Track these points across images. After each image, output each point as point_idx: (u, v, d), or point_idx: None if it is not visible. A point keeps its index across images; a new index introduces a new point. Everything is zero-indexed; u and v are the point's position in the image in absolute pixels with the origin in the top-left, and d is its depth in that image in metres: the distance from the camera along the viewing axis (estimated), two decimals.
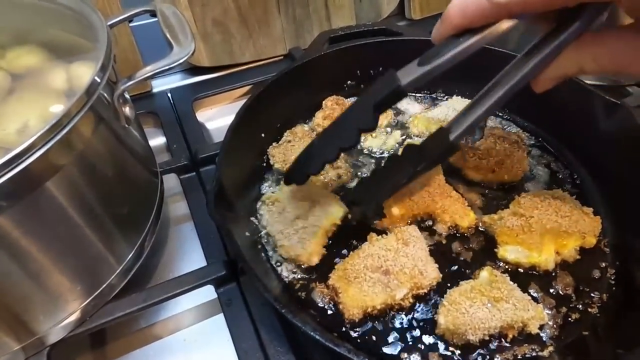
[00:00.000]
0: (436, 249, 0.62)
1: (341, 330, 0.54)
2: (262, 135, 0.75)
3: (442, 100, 0.86)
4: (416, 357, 0.52)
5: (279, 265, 0.60)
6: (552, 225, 0.59)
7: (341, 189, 0.70)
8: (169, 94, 0.93)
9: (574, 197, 0.65)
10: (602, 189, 0.69)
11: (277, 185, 0.71)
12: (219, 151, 0.64)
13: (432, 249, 0.61)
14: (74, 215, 0.48)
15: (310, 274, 0.59)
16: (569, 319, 0.55)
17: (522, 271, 0.59)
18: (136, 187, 0.59)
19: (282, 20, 1.00)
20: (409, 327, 0.54)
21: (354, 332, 0.54)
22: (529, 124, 0.80)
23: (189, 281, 0.58)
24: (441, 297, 0.55)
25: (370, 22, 1.06)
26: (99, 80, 0.46)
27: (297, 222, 0.61)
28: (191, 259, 0.68)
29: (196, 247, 0.67)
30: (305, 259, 0.59)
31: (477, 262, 0.61)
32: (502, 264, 0.60)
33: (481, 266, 0.59)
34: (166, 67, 0.52)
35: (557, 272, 0.59)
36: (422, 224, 0.64)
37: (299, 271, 0.60)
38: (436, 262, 0.57)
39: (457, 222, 0.63)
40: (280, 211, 0.63)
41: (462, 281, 0.56)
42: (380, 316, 0.55)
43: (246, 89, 0.96)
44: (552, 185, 0.71)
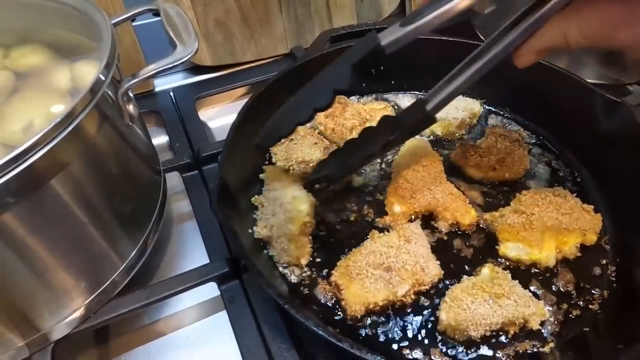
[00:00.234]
0: (438, 246, 0.62)
1: (343, 326, 0.54)
2: None
3: None
4: (418, 353, 0.52)
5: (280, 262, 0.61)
6: (553, 222, 0.60)
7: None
8: (172, 93, 0.93)
9: (575, 194, 0.65)
10: (602, 187, 0.69)
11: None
12: (221, 149, 0.64)
13: (434, 246, 0.61)
14: (78, 212, 0.48)
15: (312, 270, 0.60)
16: (570, 315, 0.55)
17: (523, 268, 0.60)
18: (139, 185, 0.60)
19: (284, 20, 1.00)
20: (410, 324, 0.55)
21: (356, 328, 0.54)
22: (530, 123, 0.80)
23: (192, 278, 0.58)
24: (443, 294, 0.55)
25: (371, 21, 1.07)
26: (103, 78, 0.47)
27: (273, 229, 0.61)
28: (194, 256, 0.68)
29: (199, 244, 0.67)
30: (294, 262, 0.60)
31: (479, 259, 0.61)
32: (503, 261, 0.61)
33: (482, 263, 0.59)
34: (170, 66, 0.52)
35: (558, 269, 0.60)
36: (423, 221, 0.65)
37: (300, 268, 0.60)
38: (438, 259, 0.58)
39: (458, 219, 0.64)
40: (264, 217, 0.63)
41: (463, 278, 0.57)
42: (382, 313, 0.55)
43: (248, 88, 0.96)
44: (552, 183, 0.71)
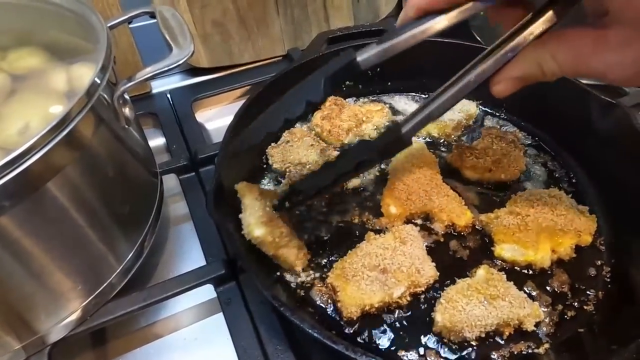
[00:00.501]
0: (433, 247, 0.62)
1: (339, 328, 0.54)
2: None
3: None
4: (413, 355, 0.52)
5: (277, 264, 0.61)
6: (548, 223, 0.60)
7: None
8: (169, 95, 0.93)
9: (570, 196, 0.65)
10: (598, 188, 0.70)
11: (275, 185, 0.71)
12: (218, 151, 0.64)
13: (430, 248, 0.62)
14: (74, 215, 0.48)
15: (308, 272, 0.60)
16: (565, 316, 0.56)
17: (519, 269, 0.60)
18: (136, 187, 0.60)
19: (281, 21, 1.00)
20: (406, 325, 0.55)
21: (351, 330, 0.54)
22: (526, 124, 0.81)
23: (189, 280, 0.59)
24: (438, 295, 0.56)
25: (368, 22, 1.07)
26: (99, 81, 0.47)
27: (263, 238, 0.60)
28: (191, 258, 0.68)
29: (196, 246, 0.68)
30: (290, 268, 0.59)
31: (474, 260, 0.61)
32: (498, 262, 0.61)
33: (478, 264, 0.59)
34: (165, 68, 0.53)
35: (553, 270, 0.60)
36: (419, 223, 0.65)
37: (297, 270, 0.60)
38: (433, 260, 0.58)
39: (454, 220, 0.64)
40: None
41: (459, 279, 0.57)
42: (378, 314, 0.55)
43: (245, 89, 0.96)
44: (548, 184, 0.72)
